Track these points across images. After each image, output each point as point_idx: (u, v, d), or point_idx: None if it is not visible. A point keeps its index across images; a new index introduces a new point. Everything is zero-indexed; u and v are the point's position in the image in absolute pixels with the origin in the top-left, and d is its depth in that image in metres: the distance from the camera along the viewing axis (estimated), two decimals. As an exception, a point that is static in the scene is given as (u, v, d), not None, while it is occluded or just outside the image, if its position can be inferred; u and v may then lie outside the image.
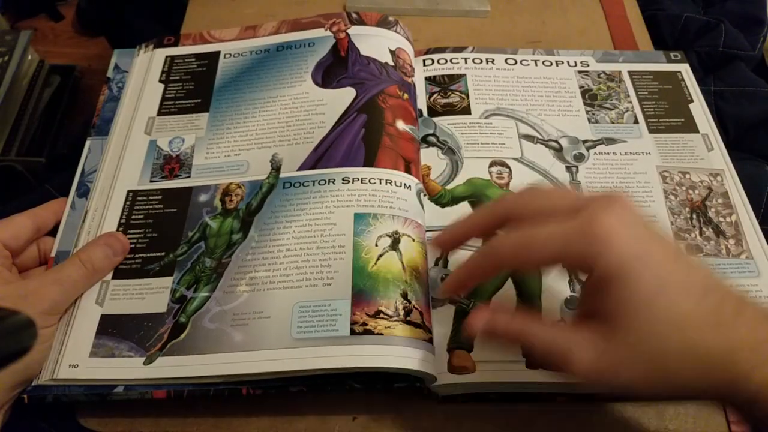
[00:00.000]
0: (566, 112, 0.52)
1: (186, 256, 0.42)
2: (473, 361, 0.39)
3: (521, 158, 0.49)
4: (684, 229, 0.46)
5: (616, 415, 0.39)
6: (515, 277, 0.43)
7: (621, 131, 0.51)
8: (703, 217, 0.46)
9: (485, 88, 0.53)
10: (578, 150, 0.49)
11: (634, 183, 0.48)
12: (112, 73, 0.53)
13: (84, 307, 0.40)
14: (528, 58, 0.56)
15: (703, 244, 0.45)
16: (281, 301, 0.39)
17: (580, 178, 0.48)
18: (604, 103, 0.53)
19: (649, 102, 0.53)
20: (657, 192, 0.47)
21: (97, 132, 0.49)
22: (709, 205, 0.47)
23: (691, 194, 0.47)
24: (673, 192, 0.47)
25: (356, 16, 0.54)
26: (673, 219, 0.46)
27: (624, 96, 0.53)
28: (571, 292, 0.42)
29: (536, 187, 0.36)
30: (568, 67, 0.55)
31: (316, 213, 0.42)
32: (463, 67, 0.55)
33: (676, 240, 0.45)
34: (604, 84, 0.54)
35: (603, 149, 0.50)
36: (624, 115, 0.52)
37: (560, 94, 0.53)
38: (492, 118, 0.51)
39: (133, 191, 0.46)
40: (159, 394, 0.38)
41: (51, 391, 0.38)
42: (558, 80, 0.54)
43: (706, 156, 0.49)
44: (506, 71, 0.55)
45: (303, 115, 0.48)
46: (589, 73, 0.55)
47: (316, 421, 0.40)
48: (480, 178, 0.47)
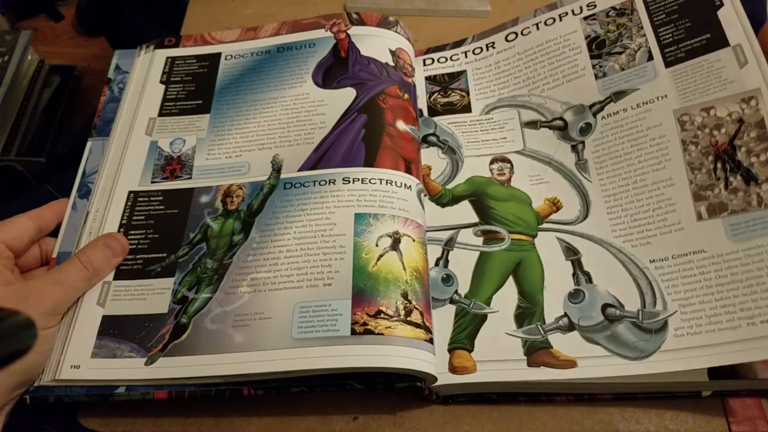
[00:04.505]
0: (571, 76, 0.49)
1: (187, 257, 0.42)
2: (474, 361, 0.39)
3: (523, 150, 0.48)
4: (705, 185, 0.41)
5: (615, 416, 0.40)
6: (516, 276, 0.43)
7: (632, 77, 0.47)
8: (731, 162, 0.40)
9: (486, 80, 0.53)
10: (585, 120, 0.47)
11: (647, 142, 0.44)
12: (113, 74, 0.53)
13: (85, 308, 0.40)
14: (529, 23, 0.53)
15: (728, 200, 0.40)
16: (282, 302, 0.39)
17: (586, 155, 0.46)
18: (613, 47, 0.48)
19: (666, 27, 0.47)
20: (673, 146, 0.43)
21: (98, 133, 0.49)
22: (739, 144, 0.41)
23: (716, 136, 0.42)
24: (693, 140, 0.42)
25: (356, 17, 0.54)
26: (692, 176, 0.41)
27: (636, 30, 0.48)
28: (575, 285, 0.41)
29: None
30: (572, 17, 0.51)
31: (316, 213, 0.43)
32: (463, 63, 0.54)
33: (696, 202, 0.41)
34: (613, 23, 0.49)
35: (612, 108, 0.46)
36: (636, 55, 0.47)
37: (564, 55, 0.50)
38: (493, 113, 0.51)
39: (134, 192, 0.46)
40: (160, 395, 0.38)
41: (53, 392, 0.38)
42: (561, 38, 0.51)
43: (738, 76, 0.42)
44: (507, 51, 0.53)
45: (303, 116, 0.48)
46: (597, 16, 0.50)
47: (316, 421, 0.40)
48: (481, 176, 0.47)
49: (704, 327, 0.38)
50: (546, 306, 0.41)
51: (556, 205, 0.45)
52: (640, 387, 0.39)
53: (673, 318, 0.39)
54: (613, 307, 0.40)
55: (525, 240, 0.44)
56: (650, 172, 0.43)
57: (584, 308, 0.40)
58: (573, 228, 0.44)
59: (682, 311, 0.39)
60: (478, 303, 0.42)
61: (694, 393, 0.40)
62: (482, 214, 0.46)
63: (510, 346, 0.40)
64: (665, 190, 0.42)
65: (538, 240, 0.44)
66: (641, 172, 0.44)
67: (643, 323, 0.39)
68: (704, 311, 0.38)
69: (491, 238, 0.44)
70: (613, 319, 0.39)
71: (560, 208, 0.45)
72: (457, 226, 0.45)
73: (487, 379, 0.39)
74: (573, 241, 0.43)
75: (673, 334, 0.38)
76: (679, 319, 0.38)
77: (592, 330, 0.39)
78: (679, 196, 0.42)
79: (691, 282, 0.39)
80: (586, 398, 0.40)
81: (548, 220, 0.45)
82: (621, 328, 0.39)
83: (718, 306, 0.38)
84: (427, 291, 0.41)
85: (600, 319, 0.40)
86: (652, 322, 0.39)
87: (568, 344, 0.39)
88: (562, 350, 0.39)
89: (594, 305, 0.40)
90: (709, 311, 0.38)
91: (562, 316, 0.40)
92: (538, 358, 0.39)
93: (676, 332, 0.38)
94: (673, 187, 0.42)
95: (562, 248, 0.43)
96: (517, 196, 0.46)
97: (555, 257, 0.43)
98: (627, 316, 0.39)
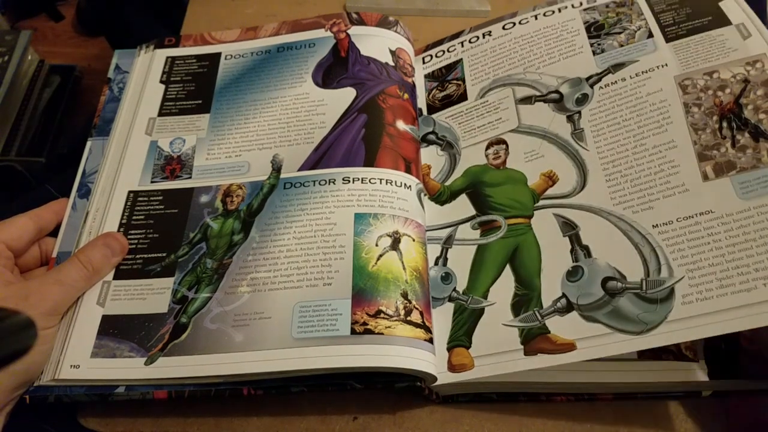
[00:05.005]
0: (568, 53, 0.49)
1: (187, 257, 0.42)
2: (472, 357, 0.39)
3: (518, 127, 0.47)
4: (711, 145, 0.39)
5: (615, 415, 0.40)
6: (513, 263, 0.42)
7: (632, 51, 0.46)
8: (737, 120, 0.39)
9: (481, 64, 0.52)
10: (581, 91, 0.46)
11: (646, 107, 0.43)
12: (113, 74, 0.53)
13: (85, 307, 0.40)
14: (527, 15, 0.53)
15: (736, 158, 0.38)
16: (282, 302, 0.39)
17: (582, 124, 0.45)
18: (612, 29, 0.48)
19: (667, 13, 0.47)
20: (675, 109, 0.42)
21: (98, 132, 0.49)
22: (745, 103, 0.40)
23: (720, 96, 0.40)
24: (696, 102, 0.41)
25: (356, 17, 0.54)
26: (696, 137, 0.40)
27: (637, 16, 0.48)
28: (574, 262, 0.40)
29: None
30: (571, 9, 0.51)
31: (316, 213, 0.43)
32: (460, 52, 0.54)
33: (702, 162, 0.39)
34: (612, 12, 0.49)
35: (610, 79, 0.45)
36: (636, 34, 0.46)
37: (562, 37, 0.50)
38: (487, 95, 0.50)
39: (134, 192, 0.46)
40: (160, 395, 0.38)
41: (53, 392, 0.38)
42: (560, 24, 0.51)
43: (742, 45, 0.42)
44: (503, 37, 0.52)
45: (303, 116, 0.48)
46: (596, 7, 0.50)
47: (316, 421, 0.40)
48: (476, 166, 0.47)
49: (715, 291, 0.35)
50: (543, 290, 0.40)
51: (551, 178, 0.44)
52: (640, 387, 0.39)
53: (680, 284, 0.36)
54: (614, 279, 0.38)
55: (521, 223, 0.43)
56: (650, 136, 0.42)
57: (583, 285, 0.39)
58: (570, 201, 0.42)
59: (690, 276, 0.36)
60: (475, 298, 0.41)
61: (694, 393, 0.39)
62: (479, 204, 0.45)
63: (507, 337, 0.39)
64: (667, 153, 0.41)
65: (534, 220, 0.43)
66: (641, 137, 0.42)
67: (647, 293, 0.37)
68: (714, 274, 0.36)
69: (488, 229, 0.44)
70: (614, 293, 0.38)
71: (556, 182, 0.44)
72: (455, 222, 0.45)
73: (485, 374, 0.38)
74: (570, 214, 0.42)
75: (681, 302, 0.36)
76: (687, 285, 0.36)
77: (591, 308, 0.38)
78: (682, 158, 0.40)
79: (698, 245, 0.37)
80: (586, 398, 0.40)
81: (544, 196, 0.43)
82: (623, 301, 0.37)
83: (729, 268, 0.36)
84: (427, 291, 0.41)
85: (600, 294, 0.38)
86: (657, 291, 0.37)
87: (566, 326, 0.38)
88: (560, 334, 0.37)
89: (594, 281, 0.39)
90: (720, 274, 0.36)
91: (559, 298, 0.39)
92: (535, 346, 0.38)
93: (684, 300, 0.36)
94: (675, 149, 0.41)
95: (559, 224, 0.42)
96: (513, 177, 0.45)
97: (552, 235, 0.42)
98: (629, 288, 0.37)
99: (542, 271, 0.40)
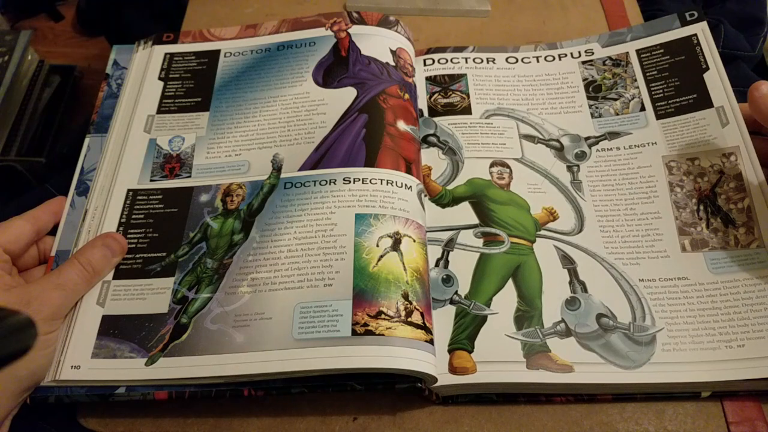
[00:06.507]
0: (568, 108, 0.52)
1: (187, 257, 0.42)
2: (474, 361, 0.39)
3: (522, 158, 0.49)
4: (689, 222, 0.44)
5: (615, 416, 0.40)
6: (516, 279, 0.43)
7: (626, 122, 0.50)
8: (712, 206, 0.44)
9: (486, 88, 0.53)
10: (580, 148, 0.49)
11: (637, 178, 0.47)
12: (111, 70, 0.53)
13: (85, 308, 0.40)
14: (529, 55, 0.55)
15: (709, 237, 0.43)
16: (282, 302, 0.39)
17: (581, 177, 0.48)
18: (609, 93, 0.51)
19: (658, 83, 0.50)
20: (661, 185, 0.46)
21: (96, 129, 0.49)
22: (719, 192, 0.44)
23: (699, 182, 0.45)
24: (679, 183, 0.45)
25: (357, 16, 0.54)
26: (677, 213, 0.44)
27: (630, 81, 0.51)
28: (572, 293, 0.42)
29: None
30: (571, 60, 0.54)
31: (317, 213, 0.42)
32: (464, 67, 0.55)
33: (681, 236, 0.43)
34: (609, 72, 0.52)
35: (606, 145, 0.49)
36: (630, 104, 0.50)
37: (562, 90, 0.53)
38: (493, 118, 0.51)
39: (133, 190, 0.46)
40: (160, 395, 0.38)
41: (53, 392, 0.38)
42: (560, 75, 0.54)
43: (720, 134, 0.46)
44: (507, 70, 0.55)
45: (304, 115, 0.48)
46: (594, 63, 0.53)
47: (316, 421, 0.40)
48: (481, 179, 0.48)
49: (688, 345, 0.40)
50: (544, 310, 0.41)
51: (553, 214, 0.46)
52: (639, 387, 0.39)
53: (661, 334, 0.40)
54: (606, 317, 0.41)
55: (524, 244, 0.44)
56: (639, 203, 0.46)
57: (580, 315, 0.41)
58: (569, 239, 0.45)
59: (668, 328, 0.40)
60: (478, 304, 0.41)
61: (693, 393, 0.40)
62: (482, 216, 0.46)
63: (510, 348, 0.40)
64: (653, 221, 0.45)
65: (536, 246, 0.44)
66: (632, 202, 0.46)
67: (634, 335, 0.40)
68: (688, 331, 0.40)
69: (491, 240, 0.44)
70: (606, 329, 0.41)
71: (557, 218, 0.46)
72: (457, 227, 0.45)
73: (488, 379, 0.39)
74: (569, 250, 0.44)
75: (661, 348, 0.40)
76: (666, 335, 0.40)
77: (587, 337, 0.40)
78: (665, 228, 0.44)
79: (676, 304, 0.41)
80: (586, 398, 0.40)
81: (546, 228, 0.45)
82: (614, 337, 0.40)
83: (699, 328, 0.40)
84: (427, 292, 0.41)
85: (595, 327, 0.41)
86: (642, 336, 0.40)
87: (565, 349, 0.40)
88: (559, 354, 0.39)
89: (589, 313, 0.41)
90: (692, 331, 0.40)
91: (559, 322, 0.41)
92: (536, 361, 0.39)
93: (664, 347, 0.40)
94: (660, 219, 0.45)
95: (559, 256, 0.44)
96: (516, 201, 0.46)
97: (552, 264, 0.44)
98: (619, 327, 0.41)
99: (543, 293, 0.42)
